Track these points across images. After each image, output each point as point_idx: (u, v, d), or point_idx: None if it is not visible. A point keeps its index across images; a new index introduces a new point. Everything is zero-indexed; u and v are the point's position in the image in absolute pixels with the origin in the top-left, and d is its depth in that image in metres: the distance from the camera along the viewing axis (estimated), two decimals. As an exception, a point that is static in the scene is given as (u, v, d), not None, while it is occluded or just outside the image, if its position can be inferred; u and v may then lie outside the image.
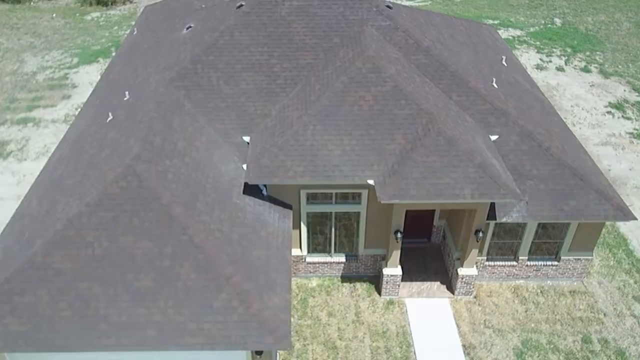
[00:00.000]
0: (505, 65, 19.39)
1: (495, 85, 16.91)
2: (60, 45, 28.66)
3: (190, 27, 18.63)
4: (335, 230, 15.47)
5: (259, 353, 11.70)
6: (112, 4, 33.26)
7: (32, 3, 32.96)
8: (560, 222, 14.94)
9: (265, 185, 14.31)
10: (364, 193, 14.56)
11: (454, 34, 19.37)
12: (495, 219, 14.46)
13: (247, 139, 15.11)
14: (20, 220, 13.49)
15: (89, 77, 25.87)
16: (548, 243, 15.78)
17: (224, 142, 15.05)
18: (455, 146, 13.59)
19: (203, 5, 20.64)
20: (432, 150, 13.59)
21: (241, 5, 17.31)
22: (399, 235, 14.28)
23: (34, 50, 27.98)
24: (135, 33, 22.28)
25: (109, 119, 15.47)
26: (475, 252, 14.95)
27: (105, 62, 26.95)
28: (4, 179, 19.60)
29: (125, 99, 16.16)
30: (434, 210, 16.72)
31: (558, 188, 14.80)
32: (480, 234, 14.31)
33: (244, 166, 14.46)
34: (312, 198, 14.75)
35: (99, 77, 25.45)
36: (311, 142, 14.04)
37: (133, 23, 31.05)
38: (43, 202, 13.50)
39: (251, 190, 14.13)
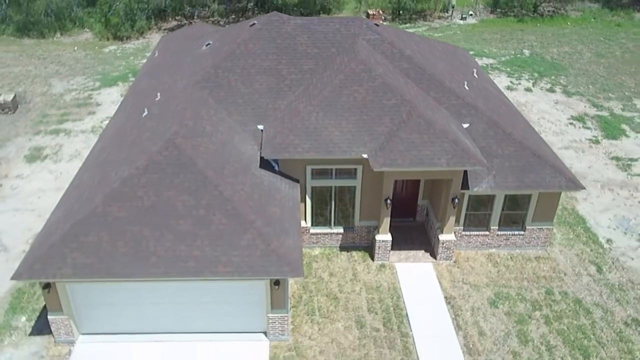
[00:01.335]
0: (477, 77, 22.84)
1: (466, 88, 20.26)
2: (83, 72, 32.00)
3: (209, 44, 22.00)
4: (335, 204, 18.34)
5: (277, 283, 14.34)
6: (127, 39, 36.90)
7: (54, 38, 36.50)
8: (522, 193, 17.97)
9: (277, 162, 17.27)
10: (359, 169, 17.54)
11: (432, 50, 22.91)
12: (468, 189, 17.45)
13: (260, 127, 18.18)
14: (75, 189, 16.27)
15: (110, 97, 29.06)
16: (514, 214, 18.72)
17: (242, 129, 18.09)
18: (433, 126, 16.73)
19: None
20: (414, 129, 16.71)
21: (254, 24, 20.75)
22: (388, 202, 17.19)
23: (59, 76, 31.27)
24: (156, 55, 25.63)
25: (144, 114, 18.51)
26: (452, 219, 17.84)
27: (124, 85, 30.23)
28: (43, 176, 22.36)
29: (156, 99, 19.26)
30: (417, 191, 19.67)
31: (520, 164, 17.90)
32: (456, 201, 17.26)
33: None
34: (316, 174, 17.68)
35: (120, 97, 28.79)
36: (315, 125, 17.14)
37: (147, 54, 34.62)
38: (95, 174, 16.33)
39: (265, 165, 17.07)
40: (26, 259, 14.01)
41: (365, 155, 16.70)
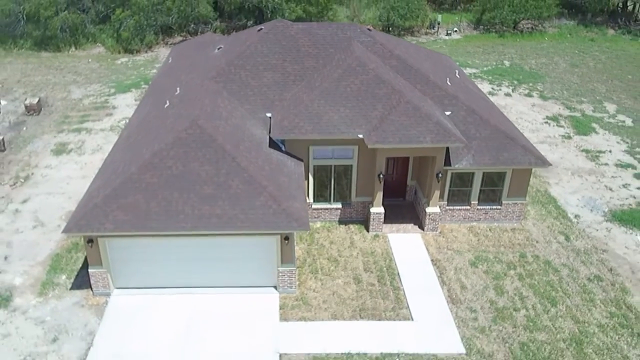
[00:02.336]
0: (458, 77, 25.67)
1: (449, 83, 23.04)
2: (98, 80, 34.67)
3: (220, 47, 24.77)
4: (334, 181, 20.86)
5: (287, 239, 16.77)
6: (136, 52, 39.74)
7: (69, 52, 39.28)
8: (497, 170, 20.60)
9: (283, 143, 19.83)
10: (355, 149, 20.13)
11: (418, 53, 25.79)
12: (450, 165, 20.06)
13: (269, 114, 20.79)
14: (110, 165, 18.74)
15: (125, 101, 31.67)
16: (491, 190, 21.30)
17: (253, 117, 20.70)
18: (419, 111, 19.41)
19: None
20: (402, 113, 19.38)
21: (261, 29, 23.56)
22: (381, 176, 19.75)
23: (77, 84, 33.90)
24: (170, 61, 28.36)
25: (166, 105, 21.09)
26: (437, 193, 20.39)
27: (137, 92, 32.87)
28: (70, 166, 24.76)
29: (176, 93, 21.87)
30: (407, 173, 22.24)
31: (495, 145, 20.56)
32: (440, 176, 19.84)
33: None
34: (317, 154, 20.23)
35: (134, 101, 31.41)
36: (317, 111, 19.77)
37: (156, 65, 37.41)
38: (126, 152, 18.82)
39: (273, 146, 19.63)
40: (73, 216, 16.41)
41: (361, 135, 19.32)
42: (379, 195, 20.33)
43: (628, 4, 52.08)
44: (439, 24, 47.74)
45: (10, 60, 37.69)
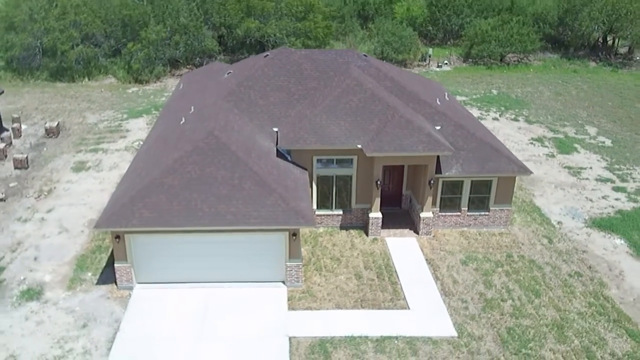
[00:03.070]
0: (447, 99, 28.00)
1: (438, 103, 25.30)
2: (111, 107, 36.96)
3: (230, 72, 27.10)
4: (335, 189, 22.79)
5: (294, 235, 18.58)
6: (146, 82, 42.25)
7: (83, 82, 41.79)
8: (484, 178, 22.61)
9: (289, 153, 21.85)
10: (354, 159, 22.16)
11: (410, 77, 28.21)
12: (441, 173, 22.06)
13: (275, 129, 22.89)
14: (132, 173, 20.67)
15: (137, 125, 33.84)
16: (479, 197, 23.25)
17: (261, 131, 22.79)
18: (411, 124, 21.56)
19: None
20: (397, 126, 21.51)
21: (267, 55, 25.96)
22: (378, 183, 21.71)
23: (91, 110, 36.15)
24: (181, 87, 30.66)
25: (182, 122, 23.19)
26: (430, 199, 22.33)
27: (148, 117, 35.08)
28: (89, 181, 26.65)
29: (190, 112, 24.01)
30: (402, 184, 24.21)
31: (481, 155, 22.65)
32: (432, 182, 21.82)
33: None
34: (320, 164, 22.22)
35: (146, 125, 33.57)
36: (320, 124, 21.90)
37: (165, 94, 39.81)
38: (148, 161, 20.78)
39: (280, 156, 21.64)
40: (103, 214, 18.25)
41: (359, 145, 21.38)
42: (377, 202, 22.24)
43: (608, 38, 55.33)
44: (430, 56, 50.66)
45: (28, 90, 40.11)
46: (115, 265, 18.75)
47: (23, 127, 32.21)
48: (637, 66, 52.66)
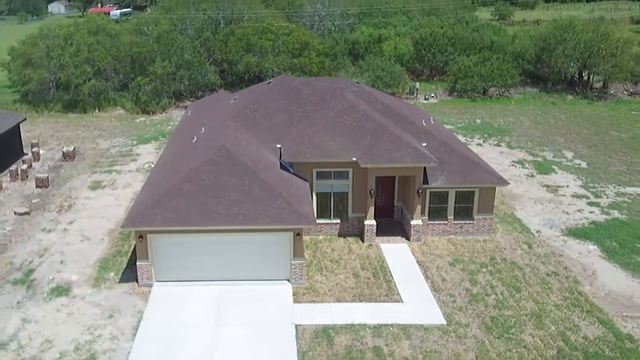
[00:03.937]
0: (433, 123, 30.74)
1: (424, 124, 28.01)
2: (122, 134, 39.47)
3: (235, 98, 29.78)
4: (333, 200, 25.12)
5: (298, 235, 20.78)
6: (153, 113, 44.99)
7: (94, 113, 44.50)
8: (467, 188, 25.06)
9: (291, 166, 24.26)
10: (350, 171, 24.60)
11: (399, 102, 31.03)
12: (428, 184, 24.51)
13: (279, 145, 25.38)
14: (149, 186, 22.94)
15: (147, 149, 36.28)
16: (464, 207, 25.63)
17: (265, 147, 25.26)
18: (400, 139, 24.14)
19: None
20: (387, 141, 24.06)
21: (270, 82, 28.74)
22: (372, 192, 24.09)
23: (103, 137, 38.63)
24: (189, 114, 33.26)
25: (194, 140, 25.64)
26: (419, 207, 24.68)
27: (156, 144, 37.56)
28: (105, 197, 28.83)
29: (201, 131, 26.50)
30: (393, 196, 26.59)
31: (463, 168, 25.17)
32: (420, 192, 24.23)
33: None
34: (319, 176, 24.64)
35: (155, 150, 35.99)
36: (318, 140, 24.43)
37: (171, 123, 42.43)
38: (165, 172, 23.09)
39: (284, 168, 24.05)
40: (128, 217, 20.42)
41: (354, 158, 23.87)
42: (371, 210, 24.56)
43: (583, 74, 59.10)
44: (417, 90, 53.98)
45: (43, 120, 42.70)
46: (138, 263, 20.78)
47: (41, 151, 34.54)
48: (612, 99, 56.18)
